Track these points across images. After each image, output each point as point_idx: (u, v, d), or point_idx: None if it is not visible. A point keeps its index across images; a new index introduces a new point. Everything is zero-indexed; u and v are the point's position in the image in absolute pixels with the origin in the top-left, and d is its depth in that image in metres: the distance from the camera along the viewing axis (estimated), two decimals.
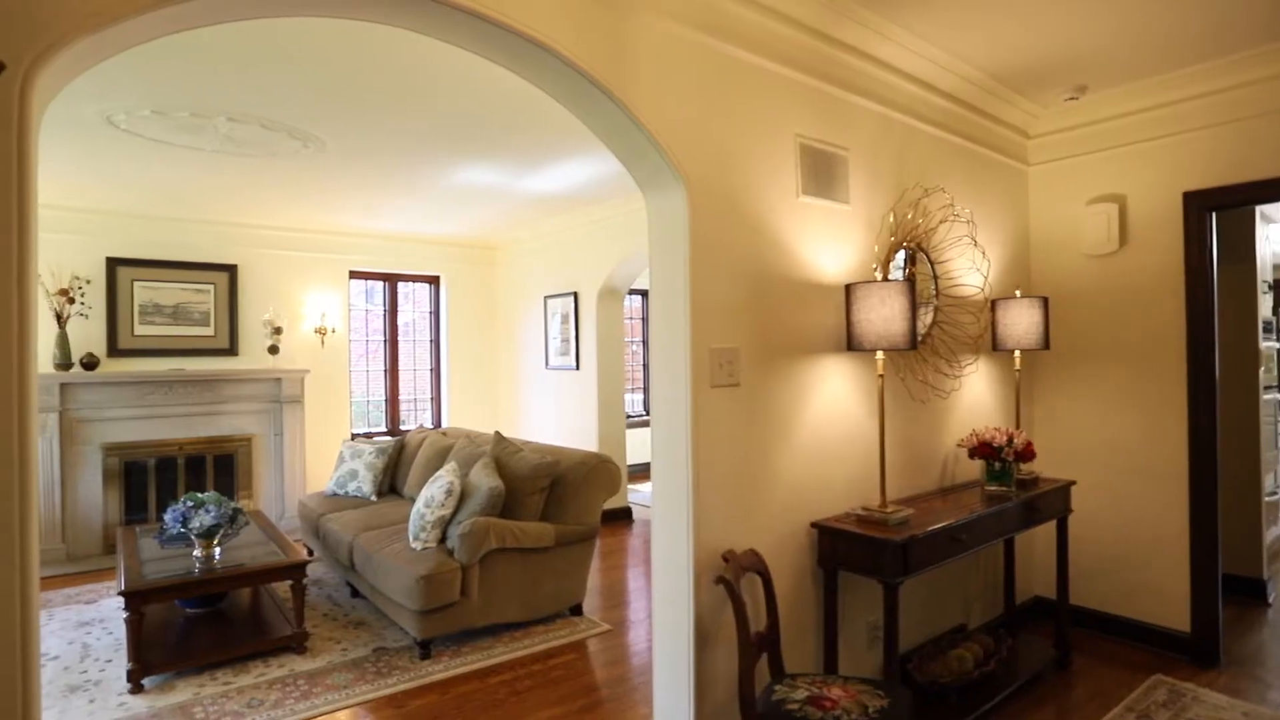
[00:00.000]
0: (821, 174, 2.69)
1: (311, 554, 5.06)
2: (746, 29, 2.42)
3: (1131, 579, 3.55)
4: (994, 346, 3.42)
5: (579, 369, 6.42)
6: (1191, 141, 3.31)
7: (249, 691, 3.16)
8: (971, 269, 3.41)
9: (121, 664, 3.42)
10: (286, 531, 5.61)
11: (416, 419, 7.49)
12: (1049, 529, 3.51)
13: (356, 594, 4.36)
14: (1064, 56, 3.05)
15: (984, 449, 3.05)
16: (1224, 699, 2.96)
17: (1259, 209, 4.06)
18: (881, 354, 2.59)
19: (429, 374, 7.57)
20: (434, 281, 7.51)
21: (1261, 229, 4.15)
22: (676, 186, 2.27)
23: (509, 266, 7.52)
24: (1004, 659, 3.08)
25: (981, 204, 3.53)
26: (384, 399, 7.29)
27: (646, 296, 8.53)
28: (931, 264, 3.20)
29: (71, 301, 5.28)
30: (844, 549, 2.54)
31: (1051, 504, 3.20)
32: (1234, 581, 4.02)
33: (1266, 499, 4.15)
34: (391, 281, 7.28)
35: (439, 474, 3.89)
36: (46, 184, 4.74)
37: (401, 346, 7.37)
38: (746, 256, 2.44)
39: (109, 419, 5.42)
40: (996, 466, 3.07)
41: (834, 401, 2.75)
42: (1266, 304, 4.20)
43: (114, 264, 5.62)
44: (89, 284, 5.47)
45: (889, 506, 2.61)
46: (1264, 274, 4.15)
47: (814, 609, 2.66)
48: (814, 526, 2.62)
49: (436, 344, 7.55)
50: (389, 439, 5.59)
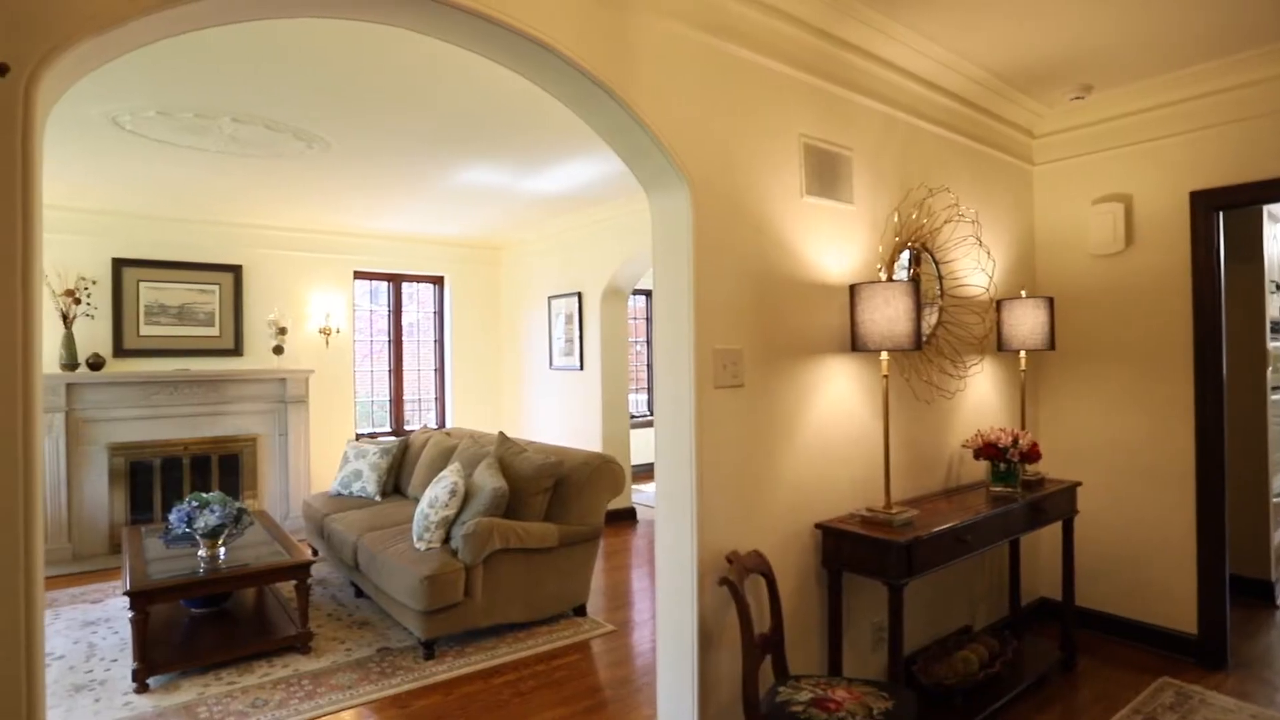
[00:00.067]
0: (825, 174, 2.68)
1: (316, 554, 5.08)
2: (750, 28, 2.41)
3: (1138, 580, 3.53)
4: (999, 347, 3.41)
5: (583, 369, 6.42)
6: (1198, 141, 3.29)
7: (253, 691, 3.17)
8: (976, 269, 3.40)
9: (127, 663, 3.43)
10: (291, 531, 5.62)
11: (421, 419, 7.50)
12: (1054, 530, 3.50)
13: (361, 594, 4.37)
14: (1069, 56, 3.04)
15: (989, 450, 3.04)
16: (1232, 701, 2.94)
17: (1266, 208, 4.04)
18: (886, 354, 2.58)
19: (433, 374, 7.58)
20: (438, 282, 7.52)
21: (1269, 228, 4.13)
22: (680, 187, 2.27)
23: (513, 267, 7.53)
24: (1009, 661, 3.06)
25: (986, 204, 3.52)
26: (388, 399, 7.30)
27: (650, 296, 8.51)
28: (936, 264, 3.19)
29: (78, 302, 5.30)
30: (848, 550, 2.53)
31: (1057, 505, 3.19)
32: (1241, 583, 3.99)
33: (1274, 499, 4.12)
34: (396, 282, 7.29)
35: (443, 474, 3.90)
36: (52, 185, 4.76)
37: (406, 347, 7.39)
38: (750, 257, 2.44)
39: (115, 419, 5.44)
40: (1002, 467, 3.06)
41: (838, 402, 2.74)
42: (1274, 304, 4.17)
43: (120, 264, 5.64)
44: (95, 284, 5.50)
45: (893, 507, 2.60)
46: (1272, 273, 4.12)
47: (818, 610, 2.65)
48: (818, 527, 2.61)
49: (441, 344, 7.56)
50: (393, 439, 5.59)
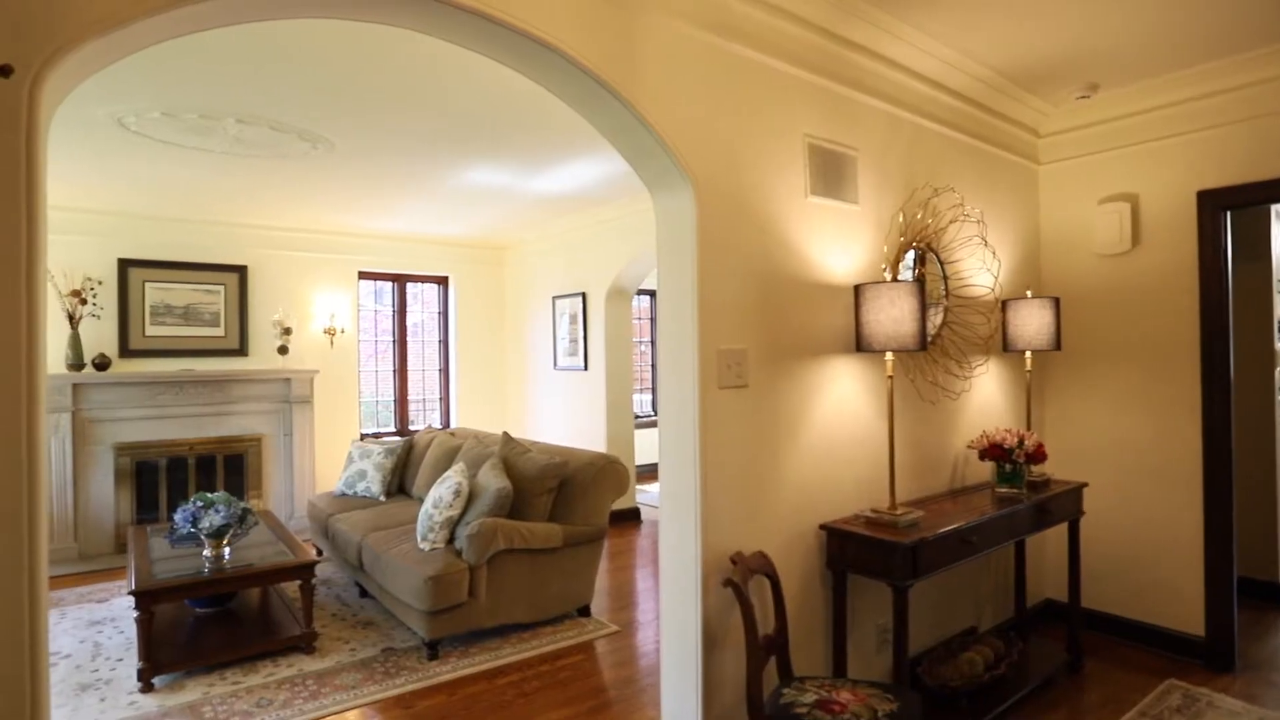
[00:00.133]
0: (830, 174, 2.67)
1: (320, 554, 5.09)
2: (755, 28, 2.40)
3: (1145, 582, 3.52)
4: (1004, 347, 3.40)
5: (587, 369, 6.42)
6: (1205, 140, 3.27)
7: (258, 691, 3.18)
8: (982, 269, 3.38)
9: (132, 663, 3.44)
10: (296, 531, 5.63)
11: (425, 419, 7.50)
12: (1060, 531, 3.48)
13: (365, 594, 4.37)
14: (1075, 54, 3.02)
15: (994, 451, 3.03)
16: (1239, 704, 2.92)
17: (1274, 208, 4.02)
18: (891, 355, 2.57)
19: (437, 374, 7.58)
20: (443, 282, 7.53)
21: (1277, 227, 4.10)
22: (684, 187, 2.26)
23: (517, 267, 7.53)
24: (1015, 662, 3.05)
25: (992, 203, 3.50)
26: (393, 399, 7.31)
27: (655, 296, 8.51)
28: (941, 264, 3.18)
29: (84, 302, 5.32)
30: (853, 551, 2.52)
31: (1063, 506, 3.17)
32: (1249, 585, 3.97)
33: None
34: (400, 282, 7.30)
35: (447, 475, 3.90)
36: (59, 186, 4.78)
37: (410, 347, 7.40)
38: (755, 257, 2.43)
39: (121, 419, 5.46)
40: (1007, 468, 3.04)
41: (843, 403, 2.73)
42: None
43: (125, 265, 5.66)
44: (101, 285, 5.52)
45: (898, 508, 2.59)
46: None
47: (823, 612, 2.64)
48: (823, 529, 2.61)
49: (445, 344, 7.57)
50: (397, 439, 5.60)
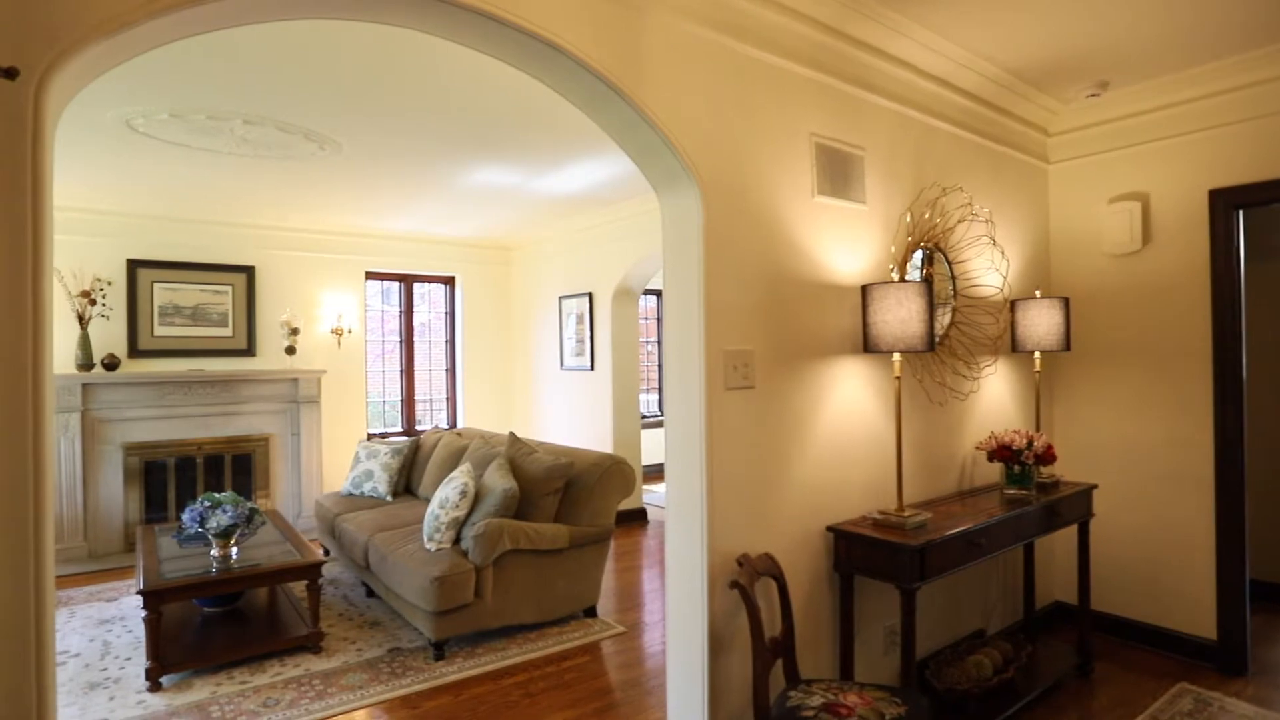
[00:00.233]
0: (837, 173, 2.65)
1: (327, 554, 5.10)
2: (761, 27, 2.39)
3: (1156, 584, 3.48)
4: (1013, 348, 3.37)
5: (594, 369, 6.41)
6: (1217, 138, 3.24)
7: (265, 691, 3.18)
8: (990, 269, 3.36)
9: (141, 662, 3.46)
10: (303, 531, 5.66)
11: (432, 419, 7.52)
12: (1070, 533, 3.45)
13: (372, 594, 4.38)
14: (1085, 52, 2.99)
15: (1003, 452, 3.01)
16: (1252, 709, 2.89)
17: None
18: (898, 356, 2.55)
19: (444, 374, 7.59)
20: (449, 282, 7.54)
21: None
22: (690, 187, 2.25)
23: (524, 267, 7.54)
24: (1024, 665, 3.03)
25: (1000, 203, 3.48)
26: (400, 399, 7.32)
27: (661, 296, 8.50)
28: (949, 264, 3.15)
29: (93, 303, 5.36)
30: (860, 553, 2.51)
31: (1073, 508, 3.14)
32: (1262, 588, 3.93)
33: None
34: (407, 282, 7.32)
35: (453, 475, 3.90)
36: (68, 187, 4.81)
37: (417, 347, 7.41)
38: (761, 257, 2.42)
39: (130, 419, 5.49)
40: (1016, 470, 3.02)
41: (850, 404, 2.72)
42: None
43: (134, 265, 5.69)
44: (110, 285, 5.55)
45: (906, 510, 2.57)
46: None
47: (830, 614, 2.63)
48: (830, 530, 2.59)
49: (452, 344, 7.58)
50: (404, 439, 5.61)
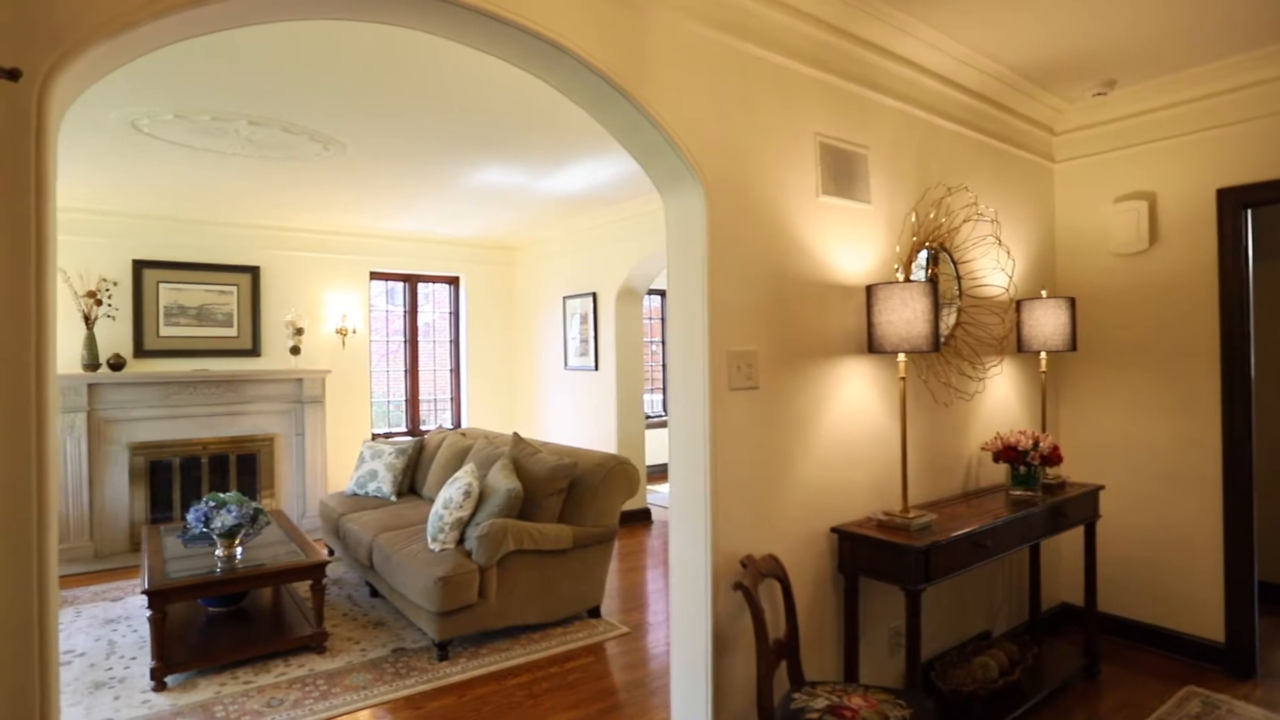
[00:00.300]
0: (842, 173, 2.64)
1: (332, 554, 5.11)
2: (765, 26, 2.38)
3: (1163, 586, 3.46)
4: (1019, 348, 3.36)
5: (598, 370, 6.41)
6: (1225, 137, 3.21)
7: (269, 691, 3.19)
8: (996, 269, 3.34)
9: (146, 661, 3.47)
10: (307, 531, 5.67)
11: (436, 419, 7.52)
12: (1076, 534, 3.43)
13: (376, 594, 4.38)
14: (1091, 50, 2.98)
15: (1008, 453, 2.99)
16: (1261, 712, 2.87)
17: None
18: (903, 356, 2.54)
19: (449, 374, 7.60)
20: (454, 282, 7.55)
21: None
22: (694, 186, 2.25)
23: (528, 267, 7.54)
24: (1029, 667, 3.01)
25: (1006, 202, 3.46)
26: (404, 399, 7.33)
27: (666, 296, 8.49)
28: (954, 264, 3.14)
29: (99, 303, 5.37)
30: (865, 555, 2.50)
31: (1079, 509, 3.13)
32: (1270, 589, 3.90)
33: None
34: (411, 282, 7.32)
35: (457, 475, 3.90)
36: (73, 187, 4.83)
37: (421, 347, 7.42)
38: (765, 257, 2.41)
39: (135, 419, 5.51)
40: (1022, 470, 3.00)
41: (855, 404, 2.70)
42: None
43: (140, 266, 5.71)
44: (116, 286, 5.57)
45: (911, 511, 2.56)
46: None
47: (834, 615, 2.62)
48: (834, 532, 2.58)
49: (456, 344, 7.58)
50: (409, 439, 5.61)
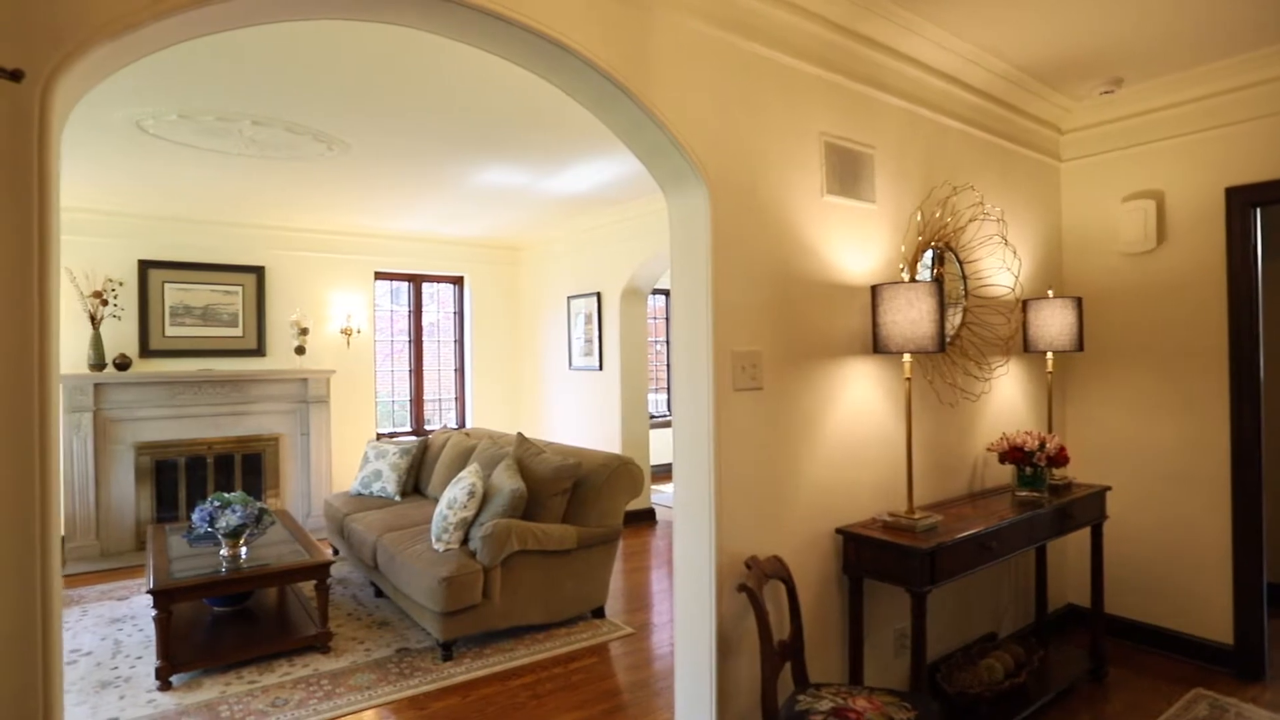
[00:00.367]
0: (847, 173, 2.63)
1: (336, 554, 5.12)
2: (770, 26, 2.37)
3: (1170, 588, 3.44)
4: (1025, 348, 3.34)
5: (602, 369, 6.40)
6: (1234, 135, 3.19)
7: (274, 690, 3.19)
8: (1002, 268, 3.33)
9: (151, 660, 3.47)
10: (312, 531, 5.68)
11: (441, 419, 7.53)
12: (1083, 535, 3.41)
13: (380, 594, 4.38)
14: (1098, 49, 2.96)
15: (1015, 453, 2.97)
16: (1269, 715, 2.85)
17: None
18: (909, 356, 2.53)
19: (453, 374, 7.61)
20: (458, 282, 7.55)
21: None
22: (698, 186, 2.24)
23: (533, 267, 7.54)
24: (1036, 669, 3.00)
25: (1012, 202, 3.44)
26: (409, 399, 7.34)
27: (670, 296, 8.48)
28: (960, 264, 3.12)
29: (105, 303, 5.39)
30: (870, 556, 2.49)
31: (1086, 510, 3.11)
32: (1279, 591, 3.87)
33: None
34: (416, 282, 7.33)
35: (461, 475, 3.90)
36: (79, 188, 4.84)
37: (426, 347, 7.42)
38: (770, 257, 2.40)
39: (141, 419, 5.52)
40: (1028, 471, 2.99)
41: (859, 405, 2.69)
42: None
43: (145, 266, 5.73)
44: (121, 286, 5.58)
45: (916, 513, 2.55)
46: None
47: (839, 617, 2.61)
48: (839, 533, 2.57)
49: (461, 344, 7.59)
50: (413, 439, 5.62)
